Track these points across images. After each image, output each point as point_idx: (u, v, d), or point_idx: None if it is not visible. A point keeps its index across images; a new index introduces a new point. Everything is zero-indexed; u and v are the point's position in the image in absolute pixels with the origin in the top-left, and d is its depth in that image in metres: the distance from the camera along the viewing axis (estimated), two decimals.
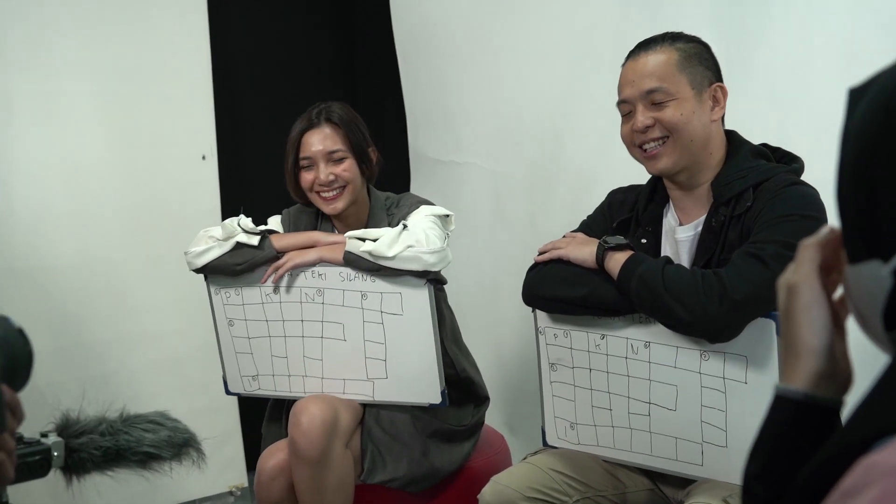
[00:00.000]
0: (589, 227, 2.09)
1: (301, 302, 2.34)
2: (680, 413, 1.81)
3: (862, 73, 2.37)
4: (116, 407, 1.45)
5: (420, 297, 2.23)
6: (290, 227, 2.47)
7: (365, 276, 2.25)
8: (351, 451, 2.26)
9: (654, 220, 1.99)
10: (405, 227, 2.22)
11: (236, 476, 3.25)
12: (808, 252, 0.85)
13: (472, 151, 3.31)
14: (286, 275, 2.31)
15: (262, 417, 2.52)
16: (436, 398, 2.28)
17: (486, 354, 2.72)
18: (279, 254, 2.33)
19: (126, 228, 3.03)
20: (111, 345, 2.98)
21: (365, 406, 2.34)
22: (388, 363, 2.29)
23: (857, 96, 0.75)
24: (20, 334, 1.03)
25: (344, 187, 2.37)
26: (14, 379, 1.00)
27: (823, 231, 0.86)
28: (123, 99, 3.03)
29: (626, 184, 2.13)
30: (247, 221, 2.37)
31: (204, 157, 3.21)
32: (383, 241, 2.17)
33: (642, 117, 1.86)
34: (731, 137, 1.94)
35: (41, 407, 1.40)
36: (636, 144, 1.91)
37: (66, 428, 1.36)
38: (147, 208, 3.08)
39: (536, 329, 2.04)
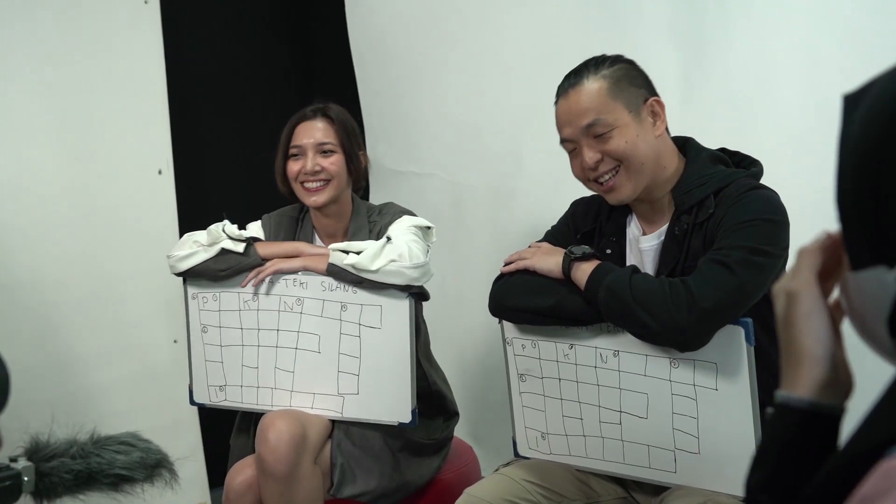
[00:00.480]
0: (553, 236, 2.10)
1: (279, 310, 2.32)
2: (651, 421, 1.82)
3: (820, 78, 2.42)
4: (87, 428, 1.43)
5: (400, 311, 2.23)
6: (270, 231, 2.46)
7: (346, 287, 2.25)
8: (320, 465, 2.24)
9: (618, 230, 2.00)
10: (388, 239, 2.22)
11: (198, 494, 3.19)
12: (808, 258, 0.86)
13: (431, 162, 3.31)
14: (267, 281, 2.31)
15: (225, 435, 2.49)
16: (406, 417, 2.25)
17: (450, 366, 2.71)
18: (264, 261, 2.32)
19: (81, 245, 2.97)
20: (67, 364, 2.91)
21: (334, 420, 2.32)
22: (360, 378, 2.27)
23: (852, 102, 0.75)
24: None
25: (328, 181, 2.37)
26: None
27: (820, 236, 0.86)
28: (77, 114, 2.97)
29: (587, 194, 2.14)
30: (232, 228, 2.36)
31: (160, 172, 3.16)
32: (367, 255, 2.17)
33: (590, 154, 1.86)
34: (688, 144, 1.95)
35: (8, 430, 1.37)
36: (590, 179, 1.91)
37: (36, 452, 1.33)
38: (103, 224, 3.02)
39: (504, 340, 2.04)
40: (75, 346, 2.94)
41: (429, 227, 2.39)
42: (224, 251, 2.32)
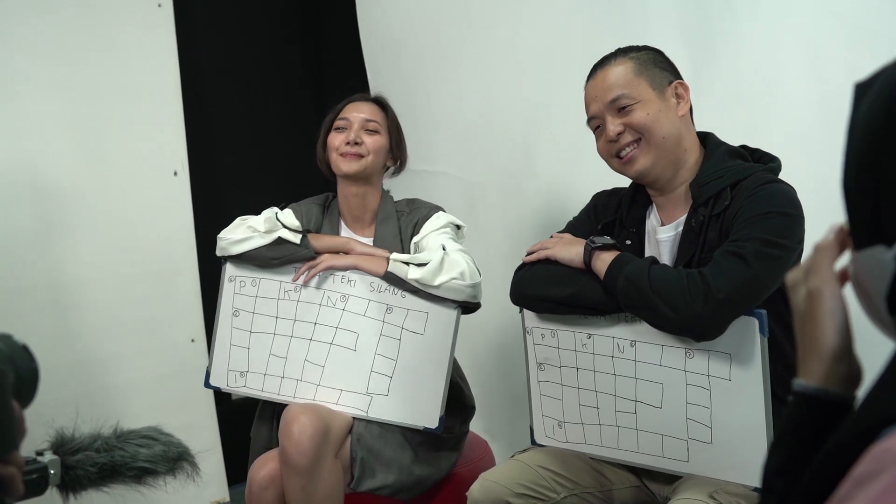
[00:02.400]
0: (575, 227, 2.13)
1: (320, 304, 2.33)
2: (665, 410, 1.84)
3: (826, 73, 2.42)
4: (110, 424, 1.45)
5: (446, 321, 2.26)
6: (302, 219, 2.46)
7: (395, 291, 2.27)
8: (340, 459, 2.25)
9: (638, 222, 2.02)
10: (444, 250, 2.26)
11: (217, 491, 3.22)
12: (826, 254, 0.87)
13: (443, 160, 3.32)
14: (315, 276, 2.33)
15: (243, 434, 2.49)
16: (432, 423, 2.27)
17: (463, 362, 2.73)
18: (316, 254, 2.34)
19: (98, 246, 3.00)
20: (87, 364, 2.94)
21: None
22: (392, 380, 2.28)
23: (861, 91, 0.79)
24: (25, 351, 1.04)
25: (364, 156, 2.41)
26: (21, 395, 1.00)
27: (832, 231, 0.88)
28: (93, 117, 3.00)
29: (600, 189, 2.17)
30: (286, 216, 2.38)
31: (176, 173, 3.19)
32: (429, 269, 2.21)
33: (613, 126, 1.91)
34: (708, 139, 1.98)
35: (34, 426, 1.39)
36: (613, 154, 1.95)
37: (62, 446, 1.36)
38: (120, 226, 3.05)
39: (524, 329, 2.07)
40: (94, 347, 2.97)
41: (459, 227, 2.43)
42: (280, 240, 2.33)
